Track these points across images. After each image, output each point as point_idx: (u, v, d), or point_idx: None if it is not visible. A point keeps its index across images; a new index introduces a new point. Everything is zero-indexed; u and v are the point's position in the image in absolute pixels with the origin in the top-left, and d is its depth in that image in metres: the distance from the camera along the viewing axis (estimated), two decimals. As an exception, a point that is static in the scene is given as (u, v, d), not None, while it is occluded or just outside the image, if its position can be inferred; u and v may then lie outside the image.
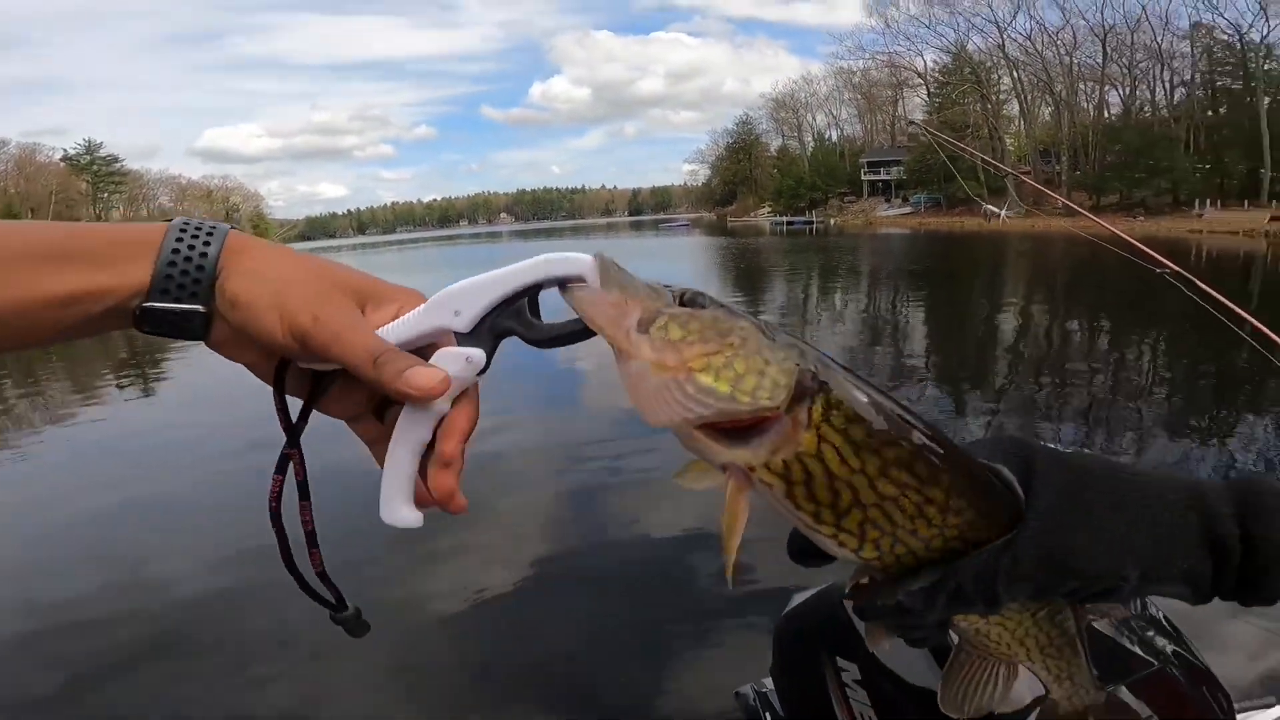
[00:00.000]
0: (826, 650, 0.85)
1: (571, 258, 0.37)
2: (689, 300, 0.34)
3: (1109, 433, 5.44)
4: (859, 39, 76.29)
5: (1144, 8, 49.48)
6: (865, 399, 0.31)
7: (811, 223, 59.93)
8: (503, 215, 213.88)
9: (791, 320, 11.44)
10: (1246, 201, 40.51)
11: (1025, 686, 0.44)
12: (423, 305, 0.39)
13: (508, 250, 53.55)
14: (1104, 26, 51.10)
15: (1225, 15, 46.31)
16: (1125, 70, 52.34)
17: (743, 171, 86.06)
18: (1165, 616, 0.80)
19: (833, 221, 59.79)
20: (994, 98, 58.59)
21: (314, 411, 0.42)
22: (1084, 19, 52.17)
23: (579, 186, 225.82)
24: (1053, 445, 0.36)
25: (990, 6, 57.57)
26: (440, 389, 0.36)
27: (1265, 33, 43.73)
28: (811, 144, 78.78)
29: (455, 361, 0.38)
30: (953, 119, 52.30)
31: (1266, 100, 42.36)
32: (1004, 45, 56.77)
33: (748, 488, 0.33)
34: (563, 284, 0.37)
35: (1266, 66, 43.62)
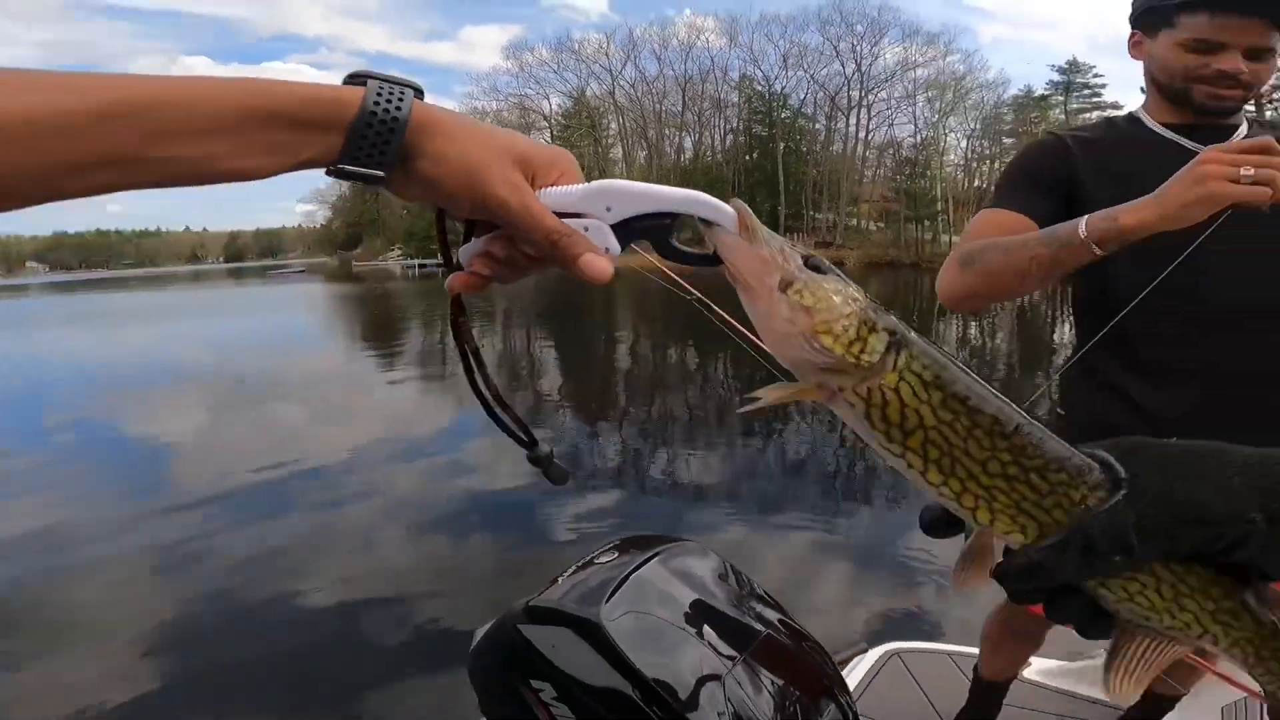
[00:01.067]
0: (519, 676, 0.87)
1: (718, 203, 0.44)
2: (814, 265, 0.43)
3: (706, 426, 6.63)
4: (495, 81, 76.79)
5: (712, 59, 62.09)
6: (935, 354, 0.42)
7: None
8: (30, 264, 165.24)
9: (431, 367, 11.27)
10: (768, 237, 53.32)
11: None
12: (583, 186, 0.46)
13: (35, 305, 41.94)
14: (685, 77, 62.53)
15: (762, 68, 60.43)
16: (696, 118, 64.88)
17: (370, 212, 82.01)
18: (767, 592, 0.99)
19: (465, 263, 60.57)
20: (603, 141, 66.92)
21: None
22: (672, 69, 63.20)
23: (151, 229, 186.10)
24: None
25: (608, 55, 65.98)
26: (606, 279, 0.45)
27: (784, 84, 58.40)
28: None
29: (601, 240, 0.45)
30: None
31: (783, 146, 56.47)
32: (614, 92, 65.49)
33: (833, 401, 0.42)
34: (705, 221, 0.44)
35: (784, 115, 58.11)
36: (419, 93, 0.43)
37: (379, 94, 0.41)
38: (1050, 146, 1.31)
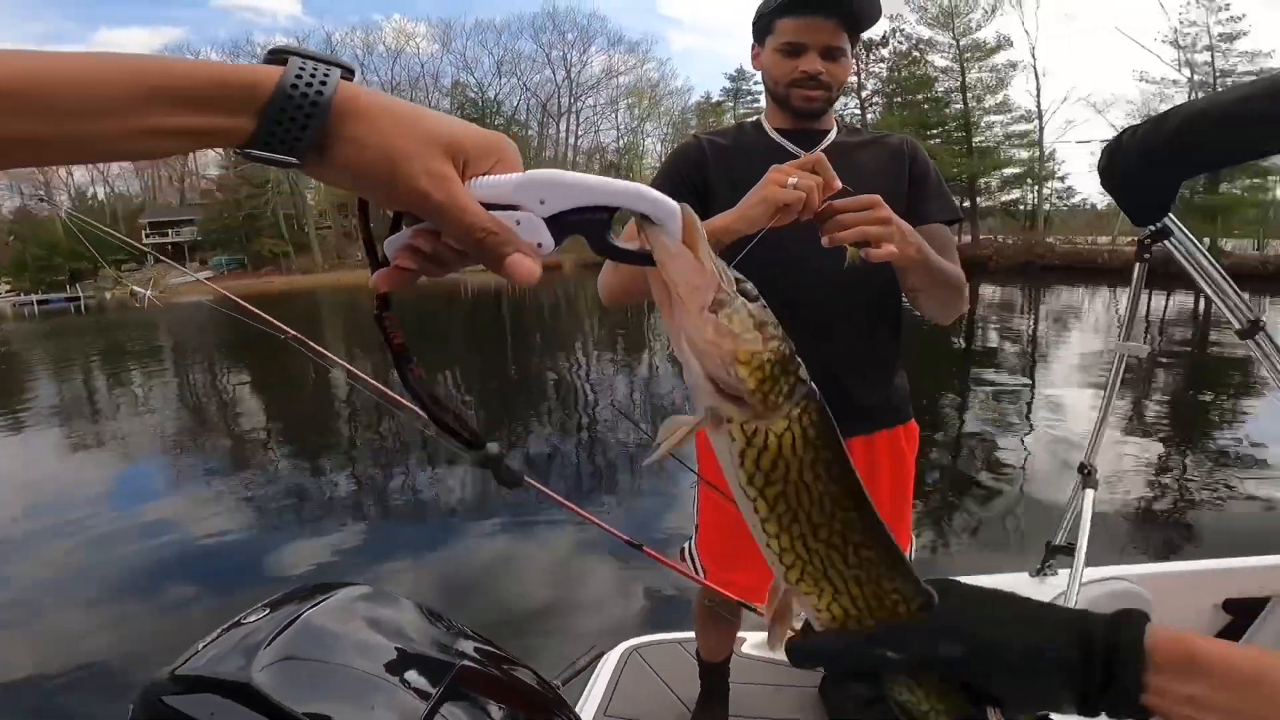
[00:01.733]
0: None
1: (665, 200, 0.42)
2: (746, 291, 0.44)
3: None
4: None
5: (422, 66, 59.67)
6: (828, 417, 0.44)
7: (78, 299, 49.40)
8: None
9: (76, 419, 9.09)
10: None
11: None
12: (516, 176, 0.43)
13: None
14: (393, 84, 59.20)
15: (475, 75, 59.86)
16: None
17: (-53, 239, 63.37)
18: (465, 626, 0.96)
19: (109, 295, 50.61)
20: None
21: None
22: (378, 75, 59.36)
23: None
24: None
25: (323, 64, 59.50)
26: (533, 281, 0.43)
27: (498, 91, 58.71)
28: (67, 203, 64.01)
29: (533, 235, 0.43)
30: (251, 174, 51.54)
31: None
32: (307, 97, 59.29)
33: (714, 430, 0.44)
34: (644, 217, 0.43)
35: (498, 122, 58.63)
36: (349, 72, 0.40)
37: (299, 74, 0.38)
38: (689, 150, 1.40)
